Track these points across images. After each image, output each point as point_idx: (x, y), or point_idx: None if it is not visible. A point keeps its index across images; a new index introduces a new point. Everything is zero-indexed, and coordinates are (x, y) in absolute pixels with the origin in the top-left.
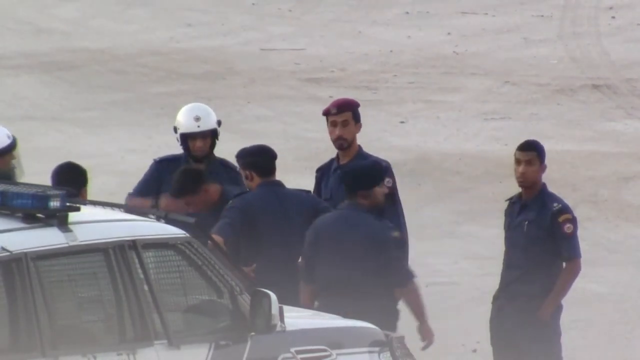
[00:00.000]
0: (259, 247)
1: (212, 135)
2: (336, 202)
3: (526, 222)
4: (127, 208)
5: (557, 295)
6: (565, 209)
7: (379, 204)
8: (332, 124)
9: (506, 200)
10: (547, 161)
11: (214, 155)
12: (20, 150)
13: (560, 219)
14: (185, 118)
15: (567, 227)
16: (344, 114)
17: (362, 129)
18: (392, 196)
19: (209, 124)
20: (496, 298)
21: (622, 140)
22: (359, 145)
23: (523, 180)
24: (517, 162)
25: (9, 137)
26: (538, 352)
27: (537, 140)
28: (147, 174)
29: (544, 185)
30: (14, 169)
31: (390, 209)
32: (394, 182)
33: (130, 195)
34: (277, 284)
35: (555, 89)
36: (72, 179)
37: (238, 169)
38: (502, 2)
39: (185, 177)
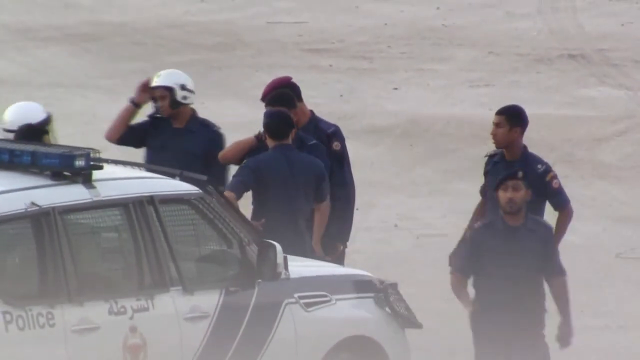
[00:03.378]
0: (267, 203)
1: (169, 93)
2: None
3: None
4: (147, 167)
5: (559, 240)
6: (548, 168)
7: None
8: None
9: (485, 156)
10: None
11: (195, 114)
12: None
13: (547, 177)
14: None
15: (555, 183)
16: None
17: (358, 95)
18: (341, 159)
19: (165, 80)
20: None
21: (596, 105)
22: (311, 111)
23: (494, 141)
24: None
25: (44, 113)
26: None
27: (514, 106)
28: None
29: (525, 147)
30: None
31: (338, 170)
32: (343, 146)
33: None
34: (282, 236)
35: (534, 58)
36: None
37: (218, 129)
38: None
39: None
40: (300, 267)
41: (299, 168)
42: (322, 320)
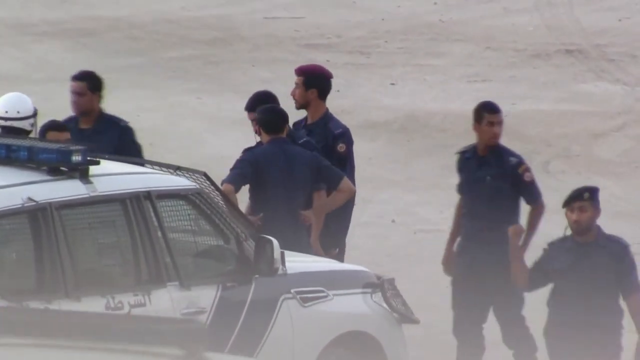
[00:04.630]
0: (265, 198)
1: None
2: None
3: (488, 177)
4: (145, 162)
5: (529, 237)
6: (521, 160)
7: None
8: None
9: (457, 153)
10: (524, 120)
11: (102, 112)
12: (44, 110)
13: (520, 170)
14: None
15: (527, 176)
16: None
17: (356, 90)
18: (344, 161)
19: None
20: (465, 247)
21: (593, 100)
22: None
23: (492, 140)
24: None
25: (32, 106)
26: (507, 292)
27: (481, 102)
28: None
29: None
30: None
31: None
32: (348, 148)
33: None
34: (280, 231)
35: (531, 54)
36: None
37: (127, 123)
38: None
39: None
40: (297, 262)
41: (296, 161)
42: (319, 315)
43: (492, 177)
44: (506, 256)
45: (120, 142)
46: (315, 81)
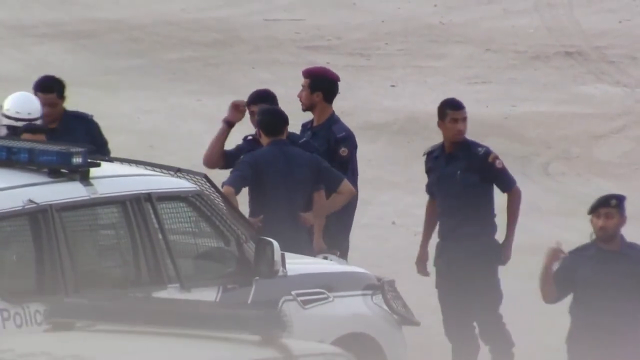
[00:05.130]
0: (265, 200)
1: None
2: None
3: (458, 172)
4: (145, 164)
5: (513, 224)
6: (488, 150)
7: None
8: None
9: (424, 154)
10: (524, 122)
11: (65, 111)
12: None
13: (489, 158)
14: None
15: (498, 163)
16: None
17: (356, 92)
18: (345, 165)
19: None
20: (442, 247)
21: (592, 102)
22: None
23: (457, 137)
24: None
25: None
26: (483, 288)
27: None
28: None
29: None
30: None
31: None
32: (351, 152)
33: None
34: (280, 233)
35: (531, 55)
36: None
37: (92, 117)
38: None
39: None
40: (297, 264)
41: (296, 163)
42: (319, 317)
43: (462, 171)
44: (481, 251)
45: (89, 136)
46: (320, 84)
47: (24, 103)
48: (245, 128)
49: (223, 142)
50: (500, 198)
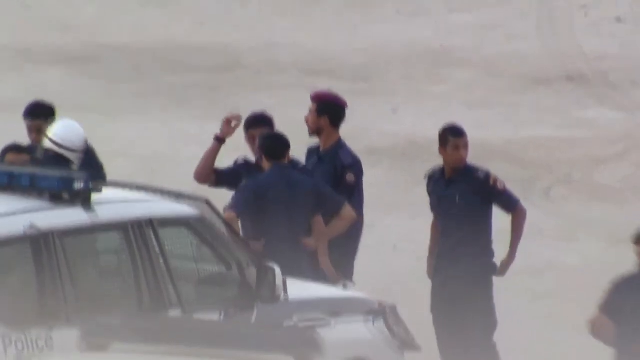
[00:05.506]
0: (267, 224)
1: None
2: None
3: (458, 195)
4: (146, 189)
5: (516, 241)
6: (488, 173)
7: None
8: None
9: (425, 177)
10: (525, 146)
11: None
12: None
13: (490, 181)
14: None
15: (499, 185)
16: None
17: (357, 116)
18: (351, 192)
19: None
20: (438, 267)
21: (594, 126)
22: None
23: (455, 165)
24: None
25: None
26: (478, 312)
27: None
28: None
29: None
30: None
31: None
32: (357, 179)
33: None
34: (281, 258)
35: (533, 80)
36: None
37: (89, 144)
38: (485, 1)
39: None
40: (299, 289)
41: (298, 187)
42: None
43: (461, 195)
44: (479, 272)
45: (84, 160)
46: (327, 109)
47: (63, 129)
48: (238, 151)
49: (214, 159)
50: (500, 223)
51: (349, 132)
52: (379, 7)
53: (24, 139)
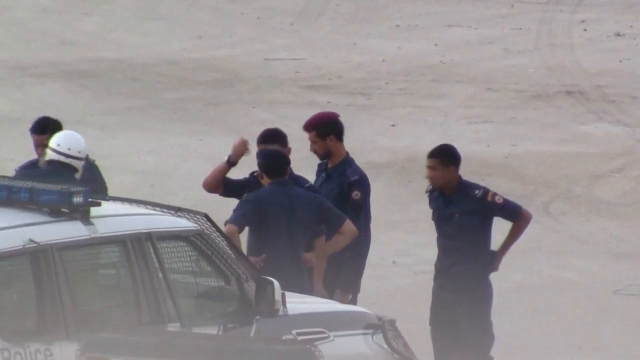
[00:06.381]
0: (267, 238)
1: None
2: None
3: (456, 215)
4: (145, 203)
5: (512, 238)
6: (486, 190)
7: None
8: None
9: (426, 192)
10: (525, 161)
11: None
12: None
13: (488, 199)
14: None
15: (498, 199)
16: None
17: (356, 131)
18: (358, 208)
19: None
20: (439, 283)
21: (593, 141)
22: (347, 153)
23: (432, 184)
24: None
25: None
26: (476, 328)
27: (445, 146)
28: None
29: (459, 178)
30: None
31: (354, 220)
32: (363, 196)
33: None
34: (281, 272)
35: (532, 95)
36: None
37: (92, 161)
38: (485, 16)
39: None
40: (298, 303)
41: (299, 202)
42: None
43: (460, 214)
44: (477, 290)
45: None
46: (327, 128)
47: (67, 139)
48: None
49: (223, 175)
50: (500, 236)
51: (348, 147)
52: (378, 22)
53: (23, 152)
